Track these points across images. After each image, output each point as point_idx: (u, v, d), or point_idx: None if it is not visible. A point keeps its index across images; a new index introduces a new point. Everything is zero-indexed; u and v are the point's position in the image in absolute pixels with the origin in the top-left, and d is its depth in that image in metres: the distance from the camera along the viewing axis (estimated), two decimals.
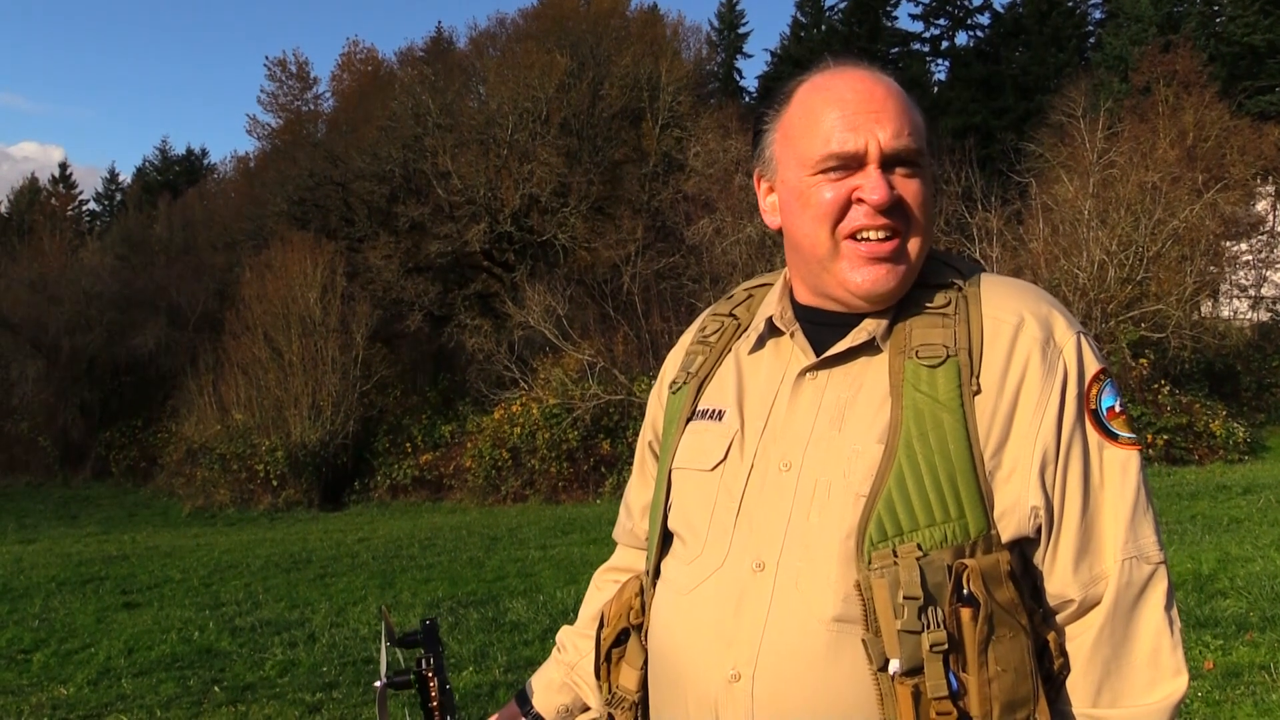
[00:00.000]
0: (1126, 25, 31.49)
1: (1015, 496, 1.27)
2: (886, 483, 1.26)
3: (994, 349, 1.30)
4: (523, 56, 27.89)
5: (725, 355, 1.51)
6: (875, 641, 1.22)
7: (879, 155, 1.32)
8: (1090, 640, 1.27)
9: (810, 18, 39.20)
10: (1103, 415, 1.30)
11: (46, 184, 51.40)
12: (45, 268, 30.42)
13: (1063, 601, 1.29)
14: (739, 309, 1.56)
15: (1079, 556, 1.28)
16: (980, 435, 1.27)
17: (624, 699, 1.50)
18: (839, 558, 1.26)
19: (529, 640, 6.48)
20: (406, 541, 12.33)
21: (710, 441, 1.42)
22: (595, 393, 19.85)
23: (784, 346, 1.43)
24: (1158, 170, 19.36)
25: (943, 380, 1.29)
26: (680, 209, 23.65)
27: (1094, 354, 1.33)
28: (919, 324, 1.34)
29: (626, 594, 1.54)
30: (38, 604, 8.86)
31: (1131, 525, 1.28)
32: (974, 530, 1.25)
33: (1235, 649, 5.35)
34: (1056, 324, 1.32)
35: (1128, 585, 1.27)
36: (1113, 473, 1.29)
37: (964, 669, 1.21)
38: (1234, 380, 19.82)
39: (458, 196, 26.69)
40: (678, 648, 1.38)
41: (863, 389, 1.34)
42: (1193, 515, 9.77)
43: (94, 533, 17.84)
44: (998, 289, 1.37)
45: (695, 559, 1.39)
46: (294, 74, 38.68)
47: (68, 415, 26.67)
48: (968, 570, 1.22)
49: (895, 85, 1.36)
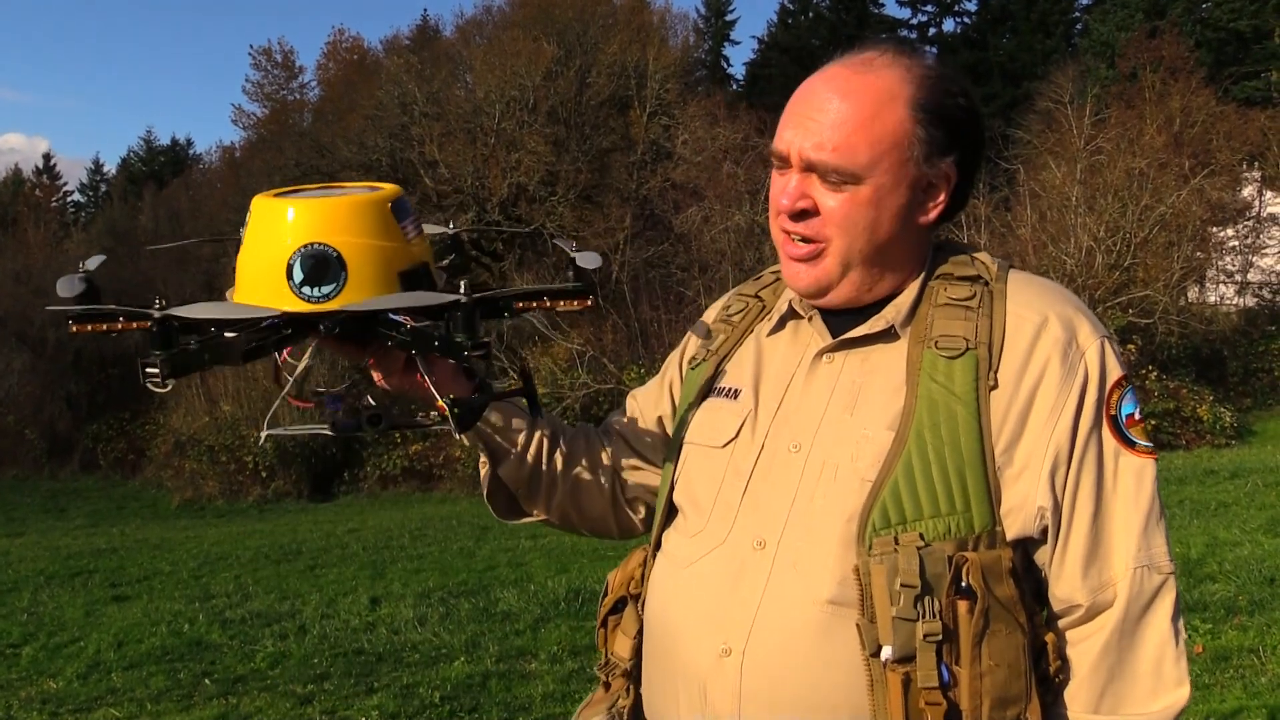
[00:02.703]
0: (1113, 11, 31.52)
1: (1023, 495, 1.27)
2: (894, 470, 1.26)
3: (1014, 346, 1.30)
4: (509, 44, 27.76)
5: (747, 335, 1.51)
6: (869, 627, 1.22)
7: (799, 162, 1.32)
8: (1096, 647, 1.27)
9: (798, 4, 39.11)
10: (1122, 422, 1.30)
11: (30, 175, 51.07)
12: (30, 259, 30.22)
13: (1069, 606, 1.29)
14: (765, 291, 1.56)
15: (1088, 561, 1.27)
16: (993, 431, 1.27)
17: (617, 665, 1.51)
18: (839, 540, 1.26)
19: (520, 630, 6.47)
20: (397, 532, 12.30)
21: (724, 419, 1.43)
22: (585, 382, 19.83)
23: (803, 330, 1.44)
24: (1145, 156, 19.40)
25: (960, 372, 1.28)
26: (668, 197, 23.61)
27: (1117, 360, 1.32)
28: (941, 315, 1.34)
29: (631, 564, 1.55)
30: (26, 598, 8.82)
31: (1144, 534, 1.28)
32: (978, 525, 1.25)
33: (1224, 633, 5.38)
34: (1081, 327, 1.32)
35: (1138, 594, 1.27)
36: (1127, 480, 1.29)
37: (956, 661, 1.21)
38: (1221, 365, 19.91)
39: (445, 185, 26.59)
40: (672, 620, 1.39)
41: (878, 375, 1.34)
42: (1180, 500, 9.81)
43: (82, 526, 17.77)
44: (1025, 286, 1.36)
45: (698, 533, 1.39)
46: (279, 63, 38.50)
47: (54, 408, 26.51)
48: (968, 563, 1.22)
49: (864, 90, 1.31)
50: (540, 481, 1.57)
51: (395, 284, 1.27)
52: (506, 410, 1.54)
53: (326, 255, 1.23)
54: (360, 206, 1.28)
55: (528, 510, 1.61)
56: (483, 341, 1.23)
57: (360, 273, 1.24)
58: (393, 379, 1.43)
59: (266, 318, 1.25)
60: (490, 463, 1.55)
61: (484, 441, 1.53)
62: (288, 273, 1.23)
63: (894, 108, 1.31)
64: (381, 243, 1.27)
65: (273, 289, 1.24)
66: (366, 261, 1.25)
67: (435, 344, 1.25)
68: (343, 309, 1.24)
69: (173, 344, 1.20)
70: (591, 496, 1.60)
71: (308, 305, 1.23)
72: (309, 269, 1.23)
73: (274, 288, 1.24)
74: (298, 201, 1.28)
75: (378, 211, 1.29)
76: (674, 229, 23.07)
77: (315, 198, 1.30)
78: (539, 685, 5.38)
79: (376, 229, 1.27)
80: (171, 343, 1.20)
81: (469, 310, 1.22)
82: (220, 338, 1.25)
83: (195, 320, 1.23)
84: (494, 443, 1.53)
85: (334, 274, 1.23)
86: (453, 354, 1.25)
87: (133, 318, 1.22)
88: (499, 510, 1.61)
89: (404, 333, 1.27)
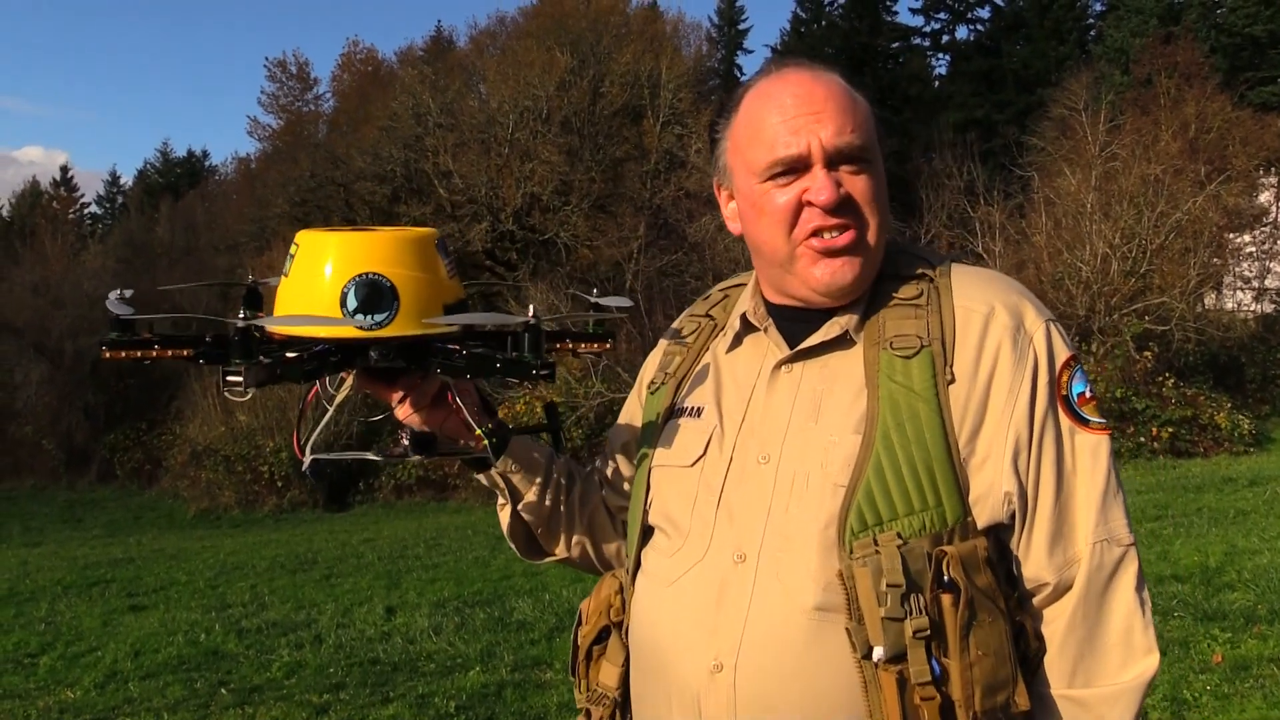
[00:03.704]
0: (1127, 17, 31.44)
1: (989, 483, 1.29)
2: (865, 473, 1.27)
3: (966, 338, 1.32)
4: (523, 55, 27.88)
5: (703, 354, 1.53)
6: (859, 630, 1.23)
7: (823, 155, 1.33)
8: (1064, 623, 1.30)
9: (810, 13, 39.14)
10: (1074, 401, 1.33)
11: (48, 187, 51.45)
12: (48, 271, 30.45)
13: (1038, 585, 1.32)
14: (715, 309, 1.58)
15: (1053, 541, 1.30)
16: (955, 423, 1.29)
17: (604, 696, 1.50)
18: (819, 547, 1.27)
19: (535, 639, 6.47)
20: (412, 541, 12.32)
21: (689, 438, 1.44)
22: (599, 390, 19.83)
23: (760, 342, 1.45)
24: (1160, 163, 19.33)
25: (917, 370, 1.30)
26: (682, 206, 23.63)
27: (1063, 341, 1.35)
28: (892, 315, 1.36)
29: (604, 591, 1.55)
30: (44, 607, 8.86)
31: (1102, 509, 1.30)
32: (951, 517, 1.26)
33: (1244, 642, 5.33)
34: (1026, 312, 1.35)
35: (1099, 568, 1.29)
36: (1084, 457, 1.32)
37: (945, 654, 1.23)
38: (1239, 372, 19.77)
39: (459, 196, 26.68)
40: (660, 639, 1.39)
41: (838, 381, 1.35)
42: (1199, 508, 9.74)
43: (99, 536, 17.85)
44: (968, 279, 1.39)
45: (677, 551, 1.40)
46: (294, 75, 38.80)
47: (72, 418, 26.66)
48: (947, 557, 1.24)
49: (837, 81, 1.37)
50: (560, 518, 1.58)
51: (441, 315, 1.32)
52: (526, 446, 1.55)
53: (380, 284, 1.28)
54: (409, 241, 1.33)
55: (550, 549, 1.63)
56: (550, 362, 1.25)
57: (411, 303, 1.29)
58: (421, 414, 1.46)
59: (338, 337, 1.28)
60: (510, 501, 1.56)
61: (504, 479, 1.54)
62: (341, 301, 1.27)
63: (859, 94, 1.38)
64: (428, 276, 1.32)
65: (326, 315, 1.28)
66: (416, 292, 1.30)
67: (497, 365, 1.27)
68: (437, 330, 1.28)
69: (254, 355, 1.22)
70: (608, 533, 1.62)
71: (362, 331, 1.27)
72: (363, 297, 1.27)
73: (327, 315, 1.28)
74: (350, 234, 1.33)
75: (425, 247, 1.34)
76: (687, 238, 23.08)
77: (362, 232, 1.35)
78: (554, 695, 5.37)
79: (424, 263, 1.33)
80: (253, 353, 1.22)
81: (536, 331, 1.25)
82: (285, 355, 1.28)
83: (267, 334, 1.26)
84: (515, 479, 1.55)
85: (387, 302, 1.27)
86: (520, 374, 1.27)
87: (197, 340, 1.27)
88: (520, 549, 1.64)
89: (460, 358, 1.30)
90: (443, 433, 1.45)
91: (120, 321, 1.27)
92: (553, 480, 1.57)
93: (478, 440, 1.36)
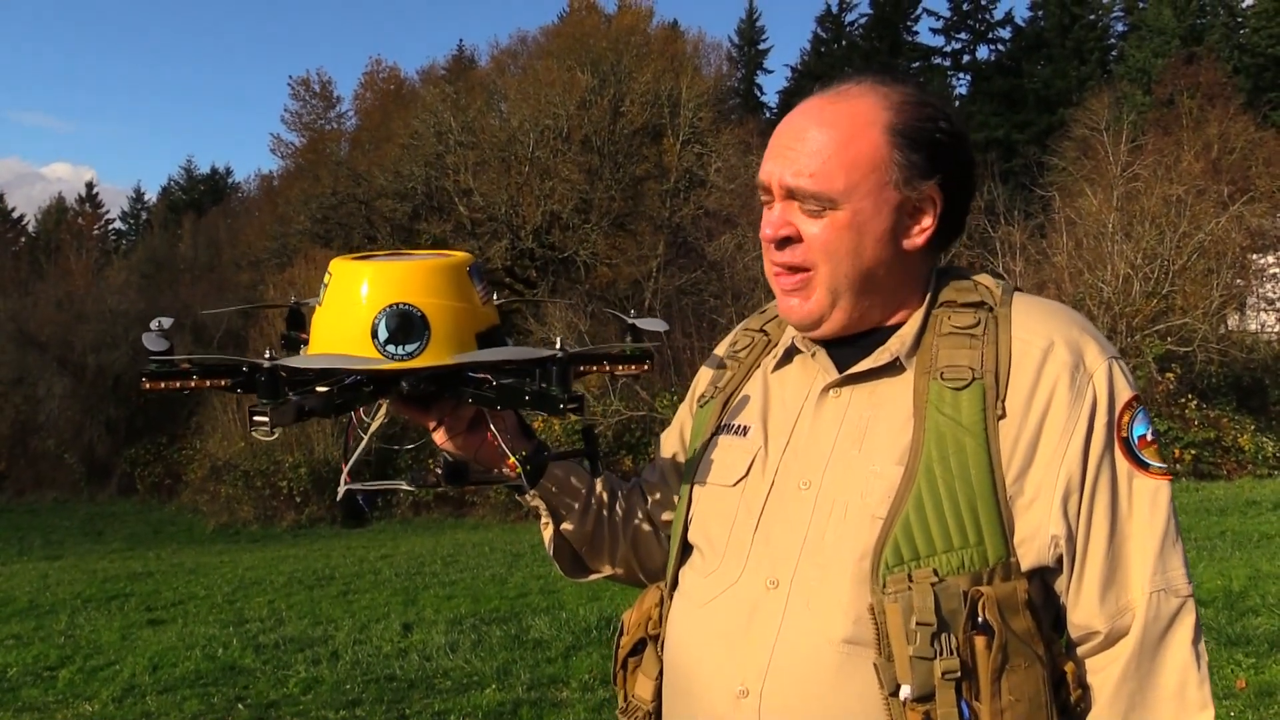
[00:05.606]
0: (1149, 38, 31.38)
1: (1036, 524, 1.25)
2: (905, 506, 1.24)
3: (1021, 373, 1.28)
4: (544, 74, 28.05)
5: (754, 371, 1.51)
6: (887, 666, 1.21)
7: (781, 190, 1.33)
8: (1116, 673, 1.25)
9: (831, 33, 39.26)
10: (1134, 444, 1.28)
11: (73, 204, 52.03)
12: (72, 286, 30.75)
13: (1087, 633, 1.27)
14: (770, 325, 1.56)
15: (1105, 587, 1.26)
16: (1003, 460, 1.25)
17: (639, 708, 1.50)
18: (852, 579, 1.25)
19: (552, 658, 6.45)
20: (429, 558, 12.32)
21: (734, 457, 1.42)
22: (617, 409, 19.83)
23: (809, 364, 1.43)
24: (1182, 183, 19.24)
25: (967, 403, 1.27)
26: (702, 225, 23.68)
27: (1126, 381, 1.30)
28: (946, 344, 1.32)
29: (646, 603, 1.54)
30: (63, 620, 8.90)
31: (1160, 557, 1.25)
32: (993, 557, 1.23)
33: (1268, 668, 5.26)
34: (1088, 349, 1.30)
35: (1156, 618, 1.25)
36: (1142, 502, 1.27)
37: (976, 698, 1.19)
38: (1262, 394, 19.59)
39: (479, 214, 26.83)
40: (690, 660, 1.38)
41: (885, 409, 1.33)
42: (1222, 531, 9.65)
43: (119, 549, 17.93)
44: (1029, 310, 1.34)
45: (713, 572, 1.38)
46: (317, 93, 39.11)
47: (94, 432, 26.86)
48: (983, 598, 1.20)
49: (835, 121, 1.33)
50: (603, 537, 1.58)
51: (473, 344, 1.32)
52: (565, 468, 1.55)
53: (411, 315, 1.27)
54: (441, 270, 1.33)
55: (594, 567, 1.63)
56: (577, 395, 1.25)
57: (442, 332, 1.29)
58: (457, 439, 1.45)
59: (365, 370, 1.28)
60: (552, 521, 1.56)
61: (545, 500, 1.54)
62: (372, 331, 1.27)
63: (869, 133, 1.32)
64: (461, 304, 1.32)
65: (356, 347, 1.28)
66: (448, 322, 1.29)
67: (526, 398, 1.27)
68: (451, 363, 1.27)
69: (280, 395, 1.23)
70: (651, 549, 1.60)
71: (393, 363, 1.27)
72: (394, 328, 1.27)
73: (358, 346, 1.28)
74: (381, 264, 1.33)
75: (457, 275, 1.34)
76: (707, 256, 23.10)
77: (394, 261, 1.35)
78: (570, 714, 5.35)
79: (456, 291, 1.32)
80: (279, 393, 1.23)
81: (564, 364, 1.26)
82: (315, 390, 1.29)
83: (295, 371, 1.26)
84: (555, 501, 1.55)
85: (418, 333, 1.27)
86: (547, 408, 1.26)
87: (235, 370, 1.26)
88: (565, 569, 1.63)
89: (490, 389, 1.30)
90: (480, 457, 1.45)
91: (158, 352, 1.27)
92: (593, 501, 1.56)
93: (512, 467, 1.36)
